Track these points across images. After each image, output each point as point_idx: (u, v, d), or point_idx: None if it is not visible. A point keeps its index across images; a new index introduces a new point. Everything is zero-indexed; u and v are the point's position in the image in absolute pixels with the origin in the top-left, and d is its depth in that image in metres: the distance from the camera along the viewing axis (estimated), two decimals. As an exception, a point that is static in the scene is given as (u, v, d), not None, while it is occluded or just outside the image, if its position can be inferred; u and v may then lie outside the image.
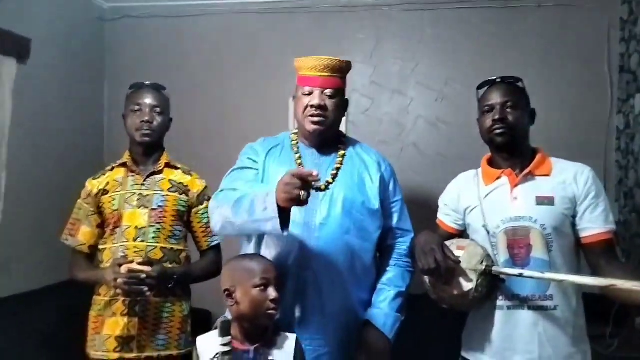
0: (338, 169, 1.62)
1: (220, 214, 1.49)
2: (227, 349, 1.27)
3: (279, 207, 1.28)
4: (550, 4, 2.65)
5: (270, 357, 1.36)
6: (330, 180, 1.59)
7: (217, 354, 1.27)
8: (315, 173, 1.26)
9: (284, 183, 1.28)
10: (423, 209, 1.88)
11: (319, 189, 1.56)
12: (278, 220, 1.29)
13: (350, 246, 1.54)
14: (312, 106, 1.57)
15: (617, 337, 1.88)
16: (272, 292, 1.36)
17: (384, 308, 1.57)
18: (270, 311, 1.36)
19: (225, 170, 1.72)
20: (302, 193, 1.25)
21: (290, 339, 1.41)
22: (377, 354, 1.51)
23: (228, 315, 1.46)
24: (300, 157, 1.63)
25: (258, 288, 1.36)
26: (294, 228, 1.48)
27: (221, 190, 1.59)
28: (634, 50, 2.40)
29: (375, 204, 1.60)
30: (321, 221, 1.52)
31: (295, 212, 1.47)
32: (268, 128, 2.01)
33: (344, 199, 1.56)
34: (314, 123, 1.58)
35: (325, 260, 1.51)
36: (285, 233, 1.34)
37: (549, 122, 2.57)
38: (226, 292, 1.40)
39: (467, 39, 2.74)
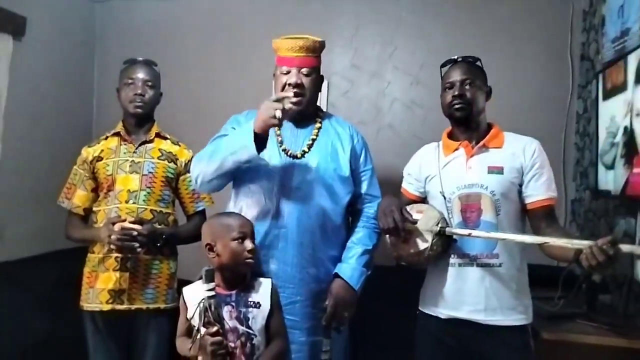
0: (314, 140, 1.79)
1: (199, 164, 1.70)
2: (211, 293, 1.44)
3: (255, 135, 1.51)
4: (520, -6, 2.83)
5: (250, 299, 1.54)
6: (306, 150, 1.76)
7: (203, 298, 1.44)
8: (290, 94, 1.56)
9: (262, 109, 1.53)
10: (398, 186, 2.00)
11: (294, 157, 1.73)
12: (254, 145, 1.53)
13: (322, 208, 1.72)
14: (289, 84, 1.73)
15: (564, 298, 2.08)
16: (248, 244, 1.53)
17: (351, 263, 1.75)
18: (248, 260, 1.53)
19: (208, 141, 1.88)
20: (277, 112, 1.49)
21: (266, 283, 1.59)
22: (343, 302, 1.70)
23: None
24: (279, 129, 1.79)
25: (236, 241, 1.53)
26: (272, 191, 1.67)
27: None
28: (593, 40, 2.59)
29: (346, 171, 1.78)
30: (296, 185, 1.69)
31: (274, 175, 1.66)
32: (253, 103, 2.12)
33: (317, 167, 1.74)
34: (292, 102, 1.73)
35: (299, 220, 1.69)
36: (261, 155, 1.58)
37: (513, 104, 2.76)
38: (207, 246, 1.56)
39: (442, 26, 2.89)
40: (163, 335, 1.90)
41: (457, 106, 1.68)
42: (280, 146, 1.76)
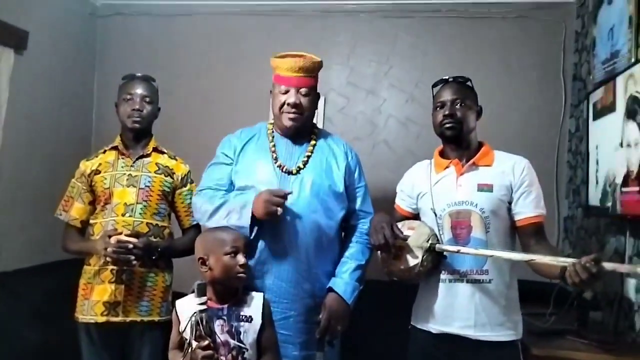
0: (309, 156, 1.82)
1: (201, 214, 1.79)
2: (203, 307, 1.46)
3: (252, 216, 1.60)
4: (513, 16, 2.88)
5: (241, 313, 1.55)
6: (301, 166, 1.80)
7: (195, 312, 1.45)
8: (289, 192, 1.63)
9: (264, 199, 1.60)
10: (393, 201, 2.01)
11: (290, 173, 1.77)
12: (249, 230, 1.64)
13: (317, 223, 1.75)
14: (288, 104, 1.76)
15: (555, 315, 2.10)
16: (241, 259, 1.55)
17: (345, 277, 1.77)
18: (240, 275, 1.54)
19: (206, 156, 1.94)
20: (279, 210, 1.58)
21: (258, 297, 1.60)
22: (337, 316, 1.72)
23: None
24: (274, 145, 1.83)
25: (229, 255, 1.54)
26: None
27: (202, 189, 1.83)
28: (585, 61, 2.64)
29: (340, 187, 1.81)
30: (292, 201, 1.71)
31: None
32: (249, 119, 2.14)
33: (312, 183, 1.77)
34: (291, 119, 1.78)
35: (295, 235, 1.72)
36: (251, 237, 1.66)
37: (507, 123, 2.82)
38: (200, 260, 1.58)
39: (437, 46, 2.96)
40: (157, 348, 1.91)
41: (447, 125, 1.71)
42: (276, 162, 1.79)
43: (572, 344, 1.85)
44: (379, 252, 1.69)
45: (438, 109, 1.76)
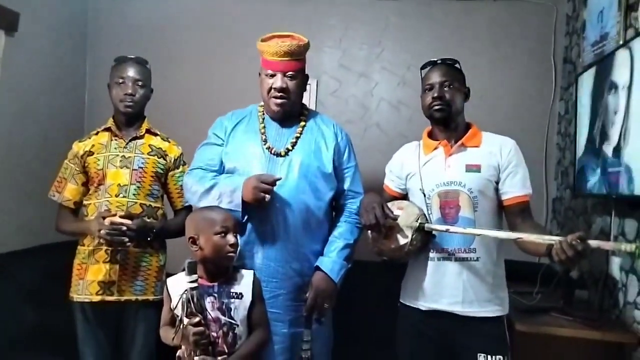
0: (297, 138, 1.84)
1: (192, 194, 1.80)
2: (194, 285, 1.48)
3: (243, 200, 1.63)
4: (505, -1, 2.90)
5: (232, 290, 1.59)
6: (290, 148, 1.81)
7: (186, 290, 1.48)
8: (278, 177, 1.65)
9: (252, 186, 1.62)
10: (382, 184, 2.04)
11: (278, 155, 1.79)
12: (241, 213, 1.67)
13: (305, 204, 1.77)
14: (275, 89, 1.77)
15: (542, 293, 2.15)
16: (230, 238, 1.57)
17: (332, 256, 1.81)
18: (229, 254, 1.57)
19: (198, 139, 1.95)
20: (267, 197, 1.61)
21: (248, 274, 1.64)
22: (323, 294, 1.76)
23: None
24: (264, 127, 1.85)
25: (219, 235, 1.57)
26: None
27: (193, 169, 1.85)
28: (575, 43, 2.66)
29: (329, 168, 1.83)
30: (280, 183, 1.73)
31: (257, 174, 1.73)
32: (242, 101, 2.13)
33: (301, 164, 1.79)
34: (277, 104, 1.79)
35: (283, 216, 1.74)
36: (243, 220, 1.69)
37: (498, 106, 2.84)
38: (190, 240, 1.60)
39: (428, 29, 2.97)
40: (151, 326, 1.94)
41: (436, 107, 1.74)
42: (265, 144, 1.81)
43: (556, 320, 1.90)
44: (369, 231, 1.72)
45: (427, 91, 1.78)
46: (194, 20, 3.17)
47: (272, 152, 1.80)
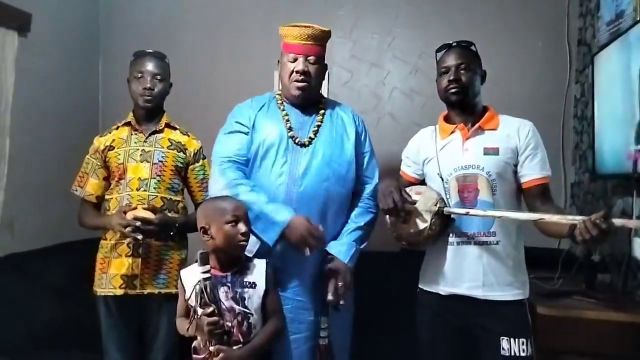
0: (319, 126, 1.84)
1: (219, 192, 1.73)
2: (207, 275, 1.48)
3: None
4: (517, -18, 2.86)
5: (245, 279, 1.59)
6: (313, 136, 1.81)
7: (199, 280, 1.48)
8: (323, 234, 1.67)
9: (301, 234, 1.63)
10: (397, 174, 2.02)
11: (302, 145, 1.79)
12: (271, 245, 1.66)
13: (329, 192, 1.78)
14: (297, 72, 1.77)
15: (563, 279, 2.13)
16: (242, 227, 1.57)
17: (342, 239, 1.81)
18: (241, 243, 1.57)
19: (213, 133, 1.92)
20: (308, 252, 1.62)
21: (260, 263, 1.63)
22: (334, 274, 1.73)
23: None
24: (287, 115, 1.84)
25: (230, 224, 1.56)
26: (280, 178, 1.75)
27: (223, 161, 1.79)
28: (589, 24, 2.62)
29: (351, 155, 1.84)
30: (303, 171, 1.74)
31: (283, 162, 1.76)
32: (254, 93, 2.08)
33: (324, 153, 1.79)
34: (299, 88, 1.79)
35: (306, 203, 1.75)
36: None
37: (512, 91, 2.81)
38: (202, 229, 1.60)
39: (439, 15, 2.94)
40: (173, 319, 1.94)
41: (452, 90, 1.72)
42: (289, 132, 1.81)
43: (579, 303, 1.88)
44: (387, 216, 1.71)
45: (442, 74, 1.76)
46: (204, 15, 3.18)
47: (296, 141, 1.80)
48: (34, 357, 2.22)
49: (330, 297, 1.71)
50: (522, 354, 1.62)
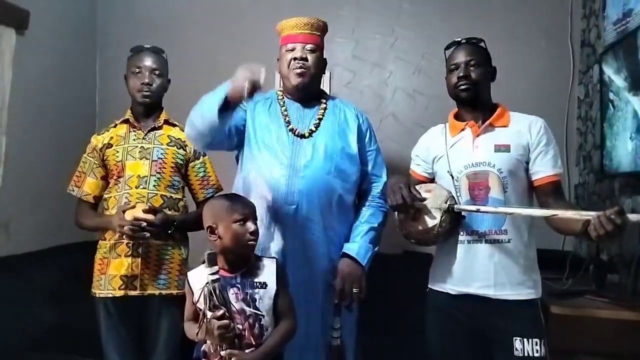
0: (320, 119, 1.81)
1: (188, 123, 1.66)
2: (215, 277, 1.41)
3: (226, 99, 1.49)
4: (520, -17, 2.85)
5: (255, 280, 1.52)
6: (314, 129, 1.78)
7: (207, 282, 1.41)
8: (263, 68, 1.47)
9: (241, 70, 1.51)
10: (401, 174, 2.02)
11: (302, 136, 1.75)
12: (219, 101, 1.51)
13: (331, 186, 1.74)
14: (294, 59, 1.75)
15: (572, 278, 2.10)
16: (250, 226, 1.50)
17: (357, 240, 1.77)
18: (250, 242, 1.50)
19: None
20: (247, 86, 1.45)
21: (270, 262, 1.57)
22: (350, 278, 1.71)
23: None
24: (286, 109, 1.81)
25: (238, 223, 1.49)
26: (281, 169, 1.70)
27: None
28: (593, 25, 2.61)
29: (354, 149, 1.81)
30: (305, 163, 1.71)
31: (282, 155, 1.72)
32: None
33: (326, 145, 1.76)
34: (298, 75, 1.76)
35: (308, 197, 1.71)
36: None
37: (515, 92, 2.75)
38: (209, 229, 1.53)
39: (442, 15, 2.92)
40: (175, 321, 1.90)
41: (462, 87, 1.69)
42: (288, 126, 1.78)
43: (591, 302, 1.85)
44: (396, 213, 1.68)
45: (452, 71, 1.74)
46: (204, 12, 3.14)
47: (296, 133, 1.77)
48: (30, 360, 2.15)
49: (341, 298, 1.69)
50: (536, 355, 1.58)
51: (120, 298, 1.88)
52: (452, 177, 1.70)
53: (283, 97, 1.86)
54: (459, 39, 1.78)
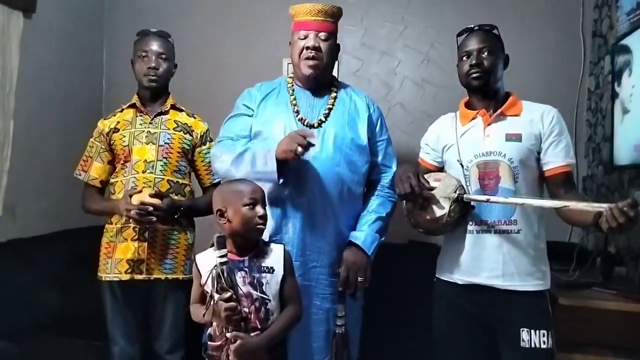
0: (330, 109, 1.79)
1: (222, 163, 1.70)
2: (224, 260, 1.42)
3: (277, 160, 1.53)
4: (531, -28, 2.81)
5: (263, 264, 1.53)
6: (323, 119, 1.76)
7: (215, 265, 1.41)
8: (314, 133, 1.55)
9: (289, 136, 1.53)
10: (407, 164, 2.01)
11: (311, 126, 1.73)
12: (276, 174, 1.57)
13: (340, 177, 1.72)
14: (307, 48, 1.72)
15: (579, 270, 2.09)
16: (259, 210, 1.51)
17: (364, 229, 1.76)
18: (259, 226, 1.51)
19: (220, 115, 1.88)
20: (299, 149, 1.49)
21: (278, 248, 1.57)
22: (355, 266, 1.70)
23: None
24: (295, 99, 1.79)
25: (247, 207, 1.50)
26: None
27: (221, 140, 1.77)
28: (605, 15, 2.58)
29: (364, 140, 1.78)
30: (314, 154, 1.68)
31: None
32: (261, 78, 2.02)
33: (335, 136, 1.73)
34: (310, 66, 1.73)
35: (318, 188, 1.69)
36: (281, 181, 1.59)
37: (524, 82, 2.73)
38: (218, 212, 1.53)
39: (452, 4, 2.89)
40: (180, 306, 1.91)
41: (474, 75, 1.67)
42: (297, 115, 1.76)
43: (600, 294, 1.85)
44: (404, 202, 1.66)
45: (463, 58, 1.71)
46: (213, 3, 3.11)
47: (305, 123, 1.75)
48: (36, 344, 2.16)
49: (345, 286, 1.69)
50: (543, 346, 1.57)
51: (127, 282, 1.89)
52: (462, 167, 1.68)
53: (293, 85, 1.83)
54: (472, 26, 1.75)
